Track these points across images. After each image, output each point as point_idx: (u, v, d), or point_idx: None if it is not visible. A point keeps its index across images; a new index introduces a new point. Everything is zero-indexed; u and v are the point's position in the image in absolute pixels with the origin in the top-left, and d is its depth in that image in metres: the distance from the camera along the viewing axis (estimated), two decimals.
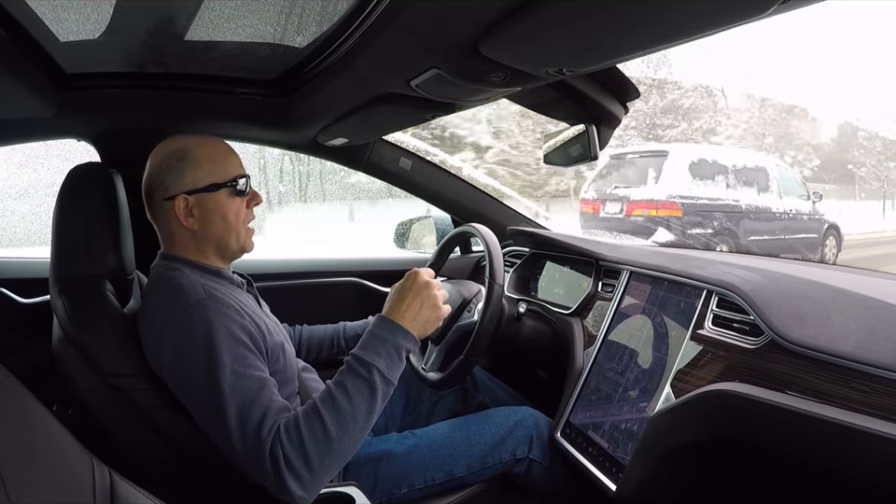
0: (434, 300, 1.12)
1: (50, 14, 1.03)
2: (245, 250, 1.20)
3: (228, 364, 0.98)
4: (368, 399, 1.00)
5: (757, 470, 1.05)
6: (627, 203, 6.79)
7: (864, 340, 0.86)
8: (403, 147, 1.96)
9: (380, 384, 1.01)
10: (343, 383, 1.00)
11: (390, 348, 1.04)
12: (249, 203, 1.19)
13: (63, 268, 1.13)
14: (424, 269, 1.17)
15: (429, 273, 1.16)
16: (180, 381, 1.03)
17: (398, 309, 1.10)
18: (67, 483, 0.60)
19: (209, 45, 1.24)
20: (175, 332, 1.03)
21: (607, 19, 0.70)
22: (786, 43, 17.10)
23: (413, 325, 1.08)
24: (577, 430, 1.29)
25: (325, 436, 0.95)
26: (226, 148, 1.18)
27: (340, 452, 0.97)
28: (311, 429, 0.95)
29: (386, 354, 1.03)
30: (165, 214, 1.14)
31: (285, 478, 0.93)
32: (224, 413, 0.96)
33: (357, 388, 0.99)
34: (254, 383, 0.99)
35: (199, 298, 1.05)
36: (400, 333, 1.06)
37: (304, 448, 0.94)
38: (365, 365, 1.01)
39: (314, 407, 0.98)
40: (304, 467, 0.94)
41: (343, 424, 0.97)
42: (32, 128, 1.52)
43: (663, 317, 1.23)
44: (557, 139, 1.43)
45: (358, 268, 2.09)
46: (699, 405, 1.01)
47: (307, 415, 0.97)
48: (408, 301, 1.11)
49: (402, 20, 0.81)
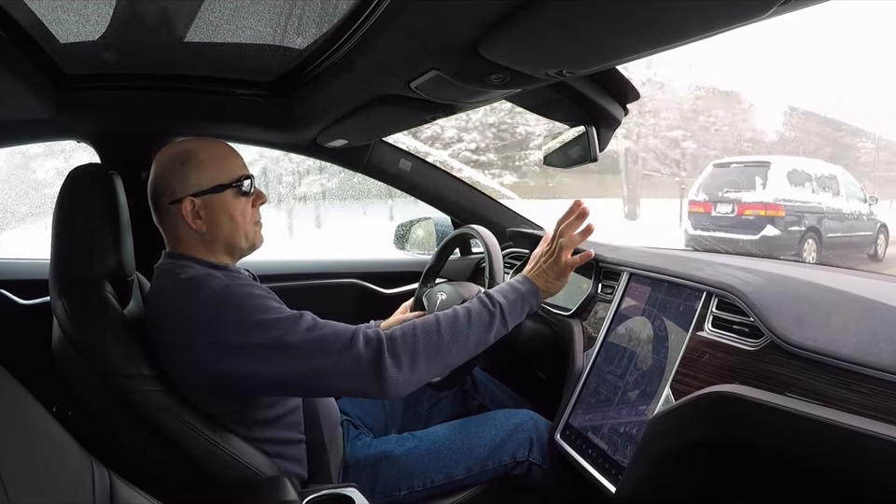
0: (557, 262, 1.24)
1: (50, 15, 1.03)
2: (255, 246, 1.21)
3: (278, 317, 1.03)
4: (484, 327, 1.12)
5: (756, 473, 1.05)
6: (738, 205, 8.15)
7: (865, 342, 0.86)
8: (403, 149, 1.96)
9: (498, 320, 1.13)
10: (468, 307, 1.13)
11: (517, 296, 1.18)
12: (255, 202, 1.19)
13: (63, 269, 1.13)
14: (565, 215, 1.28)
15: (566, 236, 1.25)
16: (232, 355, 1.01)
17: (533, 268, 1.26)
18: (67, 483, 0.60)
19: (209, 46, 1.24)
20: (209, 315, 1.02)
21: (607, 20, 0.69)
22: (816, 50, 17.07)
23: (542, 282, 1.23)
24: (576, 432, 1.29)
25: (437, 342, 1.06)
26: (229, 150, 1.18)
27: (443, 361, 1.08)
28: (427, 333, 1.06)
29: (513, 299, 1.17)
30: (172, 217, 1.14)
31: (386, 369, 1.01)
32: (307, 346, 1.01)
33: (479, 314, 1.12)
34: (314, 319, 1.05)
35: (221, 281, 1.06)
36: (530, 289, 1.21)
37: (415, 345, 1.04)
38: (492, 300, 1.15)
39: (434, 318, 1.09)
40: (411, 362, 1.04)
41: (457, 338, 1.08)
42: (31, 129, 1.52)
43: (662, 319, 1.23)
44: (557, 140, 1.43)
45: (358, 269, 2.09)
46: (699, 407, 1.01)
47: (426, 322, 1.08)
48: (542, 259, 1.26)
49: (402, 21, 0.81)
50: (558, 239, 1.25)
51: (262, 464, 1.10)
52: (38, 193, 5.00)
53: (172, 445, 1.06)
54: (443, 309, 1.47)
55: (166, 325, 1.07)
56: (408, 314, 1.61)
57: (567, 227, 1.26)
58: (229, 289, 1.05)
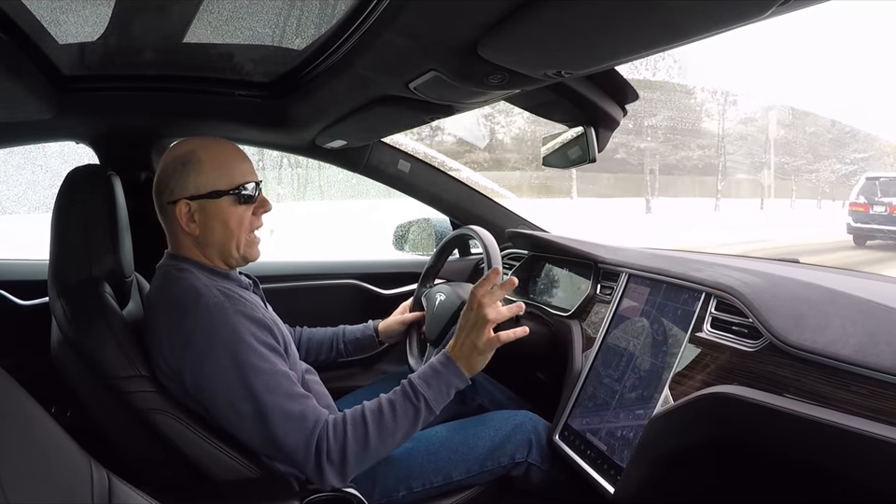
0: (479, 336, 1.16)
1: (49, 16, 1.03)
2: (247, 259, 1.19)
3: (258, 364, 1.04)
4: (410, 421, 1.11)
5: (756, 473, 1.05)
6: (890, 207, 11.18)
7: (864, 343, 0.86)
8: (402, 150, 1.96)
9: (424, 411, 1.12)
10: (393, 402, 1.11)
11: (442, 384, 1.14)
12: (257, 210, 1.18)
13: (62, 270, 1.13)
14: (482, 283, 1.18)
15: (484, 289, 1.17)
16: (206, 383, 1.03)
17: (455, 343, 1.18)
18: (65, 485, 0.60)
19: (207, 47, 1.25)
20: (197, 335, 1.03)
21: (605, 21, 0.69)
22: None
23: (465, 362, 1.16)
24: (575, 433, 1.29)
25: (365, 442, 1.06)
26: (234, 153, 1.16)
27: (373, 458, 1.08)
28: (355, 433, 1.06)
29: (437, 387, 1.13)
30: (170, 217, 1.14)
31: (324, 468, 1.04)
32: (264, 410, 1.02)
33: (404, 410, 1.10)
34: (286, 380, 1.06)
35: (217, 300, 1.06)
36: (454, 371, 1.15)
37: (345, 447, 1.05)
38: (416, 392, 1.12)
39: (361, 414, 1.08)
40: (341, 462, 1.05)
41: (384, 436, 1.08)
42: (30, 130, 1.52)
43: (661, 320, 1.23)
44: (556, 141, 1.43)
45: (357, 270, 2.09)
46: (698, 408, 1.01)
47: (354, 420, 1.07)
48: (463, 334, 1.17)
49: (400, 22, 0.81)
50: (477, 309, 1.16)
51: (261, 465, 1.10)
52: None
53: (170, 446, 1.06)
54: (443, 310, 1.47)
55: (160, 330, 1.08)
56: (406, 315, 1.61)
57: (487, 295, 1.16)
58: (223, 312, 1.05)
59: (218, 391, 1.03)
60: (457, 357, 1.16)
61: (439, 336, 1.46)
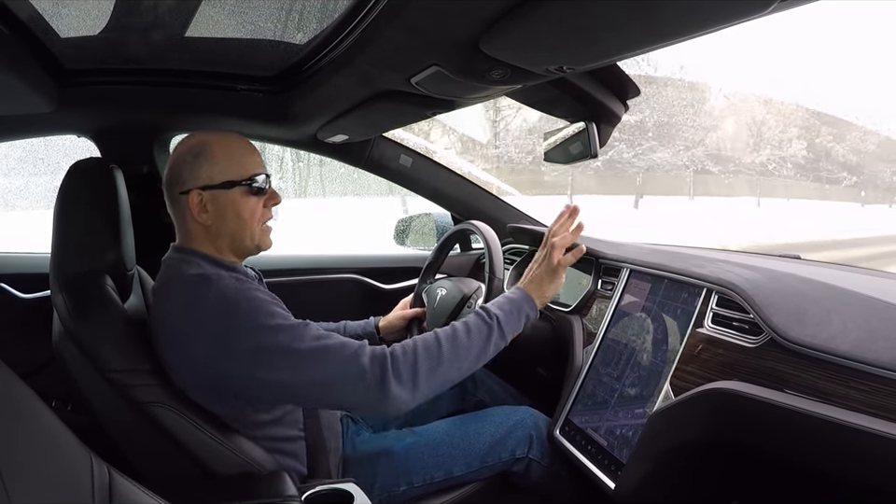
0: (549, 263, 1.26)
1: (51, 10, 1.03)
2: (260, 248, 1.19)
3: (281, 323, 1.03)
4: (483, 341, 1.13)
5: (756, 469, 1.06)
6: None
7: (864, 339, 0.86)
8: (404, 145, 1.96)
9: (496, 332, 1.14)
10: (466, 322, 1.15)
11: (513, 307, 1.19)
12: (267, 202, 1.17)
13: (64, 263, 1.13)
14: (558, 219, 1.32)
15: (559, 235, 1.29)
16: (235, 359, 1.02)
17: (527, 276, 1.28)
18: (66, 479, 0.61)
19: (209, 41, 1.24)
20: (215, 316, 1.03)
21: (607, 17, 0.69)
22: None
23: (537, 290, 1.25)
24: (576, 429, 1.29)
25: (438, 357, 1.07)
26: (246, 146, 1.16)
27: (444, 376, 1.09)
28: (427, 350, 1.07)
29: (509, 310, 1.18)
30: (181, 208, 1.14)
31: (389, 386, 1.02)
32: (301, 357, 1.01)
33: (477, 328, 1.13)
34: (312, 328, 1.05)
35: (229, 282, 1.06)
36: (525, 298, 1.22)
37: (416, 364, 1.05)
38: (489, 313, 1.16)
39: (434, 334, 1.11)
40: (412, 378, 1.04)
41: (457, 352, 1.09)
42: (32, 124, 1.53)
43: (662, 316, 1.23)
44: (557, 136, 1.42)
45: (358, 265, 2.09)
46: (698, 403, 1.01)
47: (425, 340, 1.09)
48: (535, 265, 1.28)
49: (403, 17, 0.80)
50: (550, 239, 1.28)
51: (262, 459, 1.10)
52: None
53: (171, 440, 1.06)
54: (443, 305, 1.47)
55: (171, 321, 1.08)
56: (407, 311, 1.61)
57: (559, 227, 1.30)
58: (238, 292, 1.05)
59: (250, 361, 1.01)
60: (529, 289, 1.24)
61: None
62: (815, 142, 29.12)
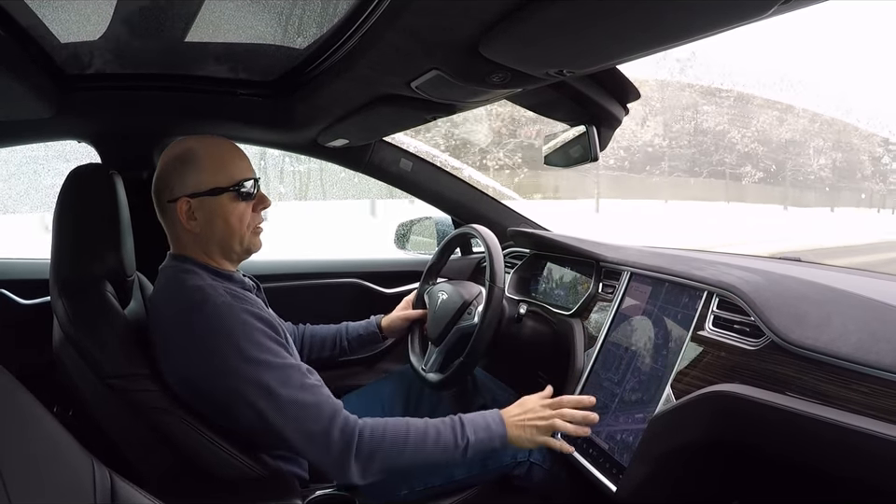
0: (540, 431, 1.19)
1: (51, 15, 1.03)
2: (250, 251, 1.19)
3: (270, 360, 1.04)
4: (445, 455, 1.10)
5: (757, 471, 1.05)
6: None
7: (864, 341, 0.86)
8: (404, 149, 1.96)
9: (460, 452, 1.11)
10: (439, 429, 1.11)
11: (487, 437, 1.14)
12: (256, 206, 1.17)
13: (64, 269, 1.13)
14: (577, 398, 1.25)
15: (550, 401, 1.23)
16: (219, 382, 1.03)
17: (513, 412, 1.20)
18: (68, 484, 0.61)
19: (209, 46, 1.25)
20: (206, 335, 1.03)
21: (607, 20, 0.69)
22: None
23: (514, 433, 1.17)
24: None
25: (401, 451, 1.07)
26: (232, 151, 1.16)
27: (398, 469, 1.08)
28: (394, 440, 1.07)
29: (483, 438, 1.13)
30: (170, 215, 1.14)
31: (349, 462, 1.03)
32: (279, 403, 1.02)
33: (445, 442, 1.10)
34: (298, 372, 1.06)
35: (225, 300, 1.06)
36: (501, 436, 1.15)
37: (378, 450, 1.05)
38: (463, 434, 1.12)
39: (406, 427, 1.09)
40: (367, 460, 1.04)
41: (418, 453, 1.08)
42: (32, 129, 1.52)
43: (663, 318, 1.23)
44: (557, 140, 1.43)
45: (359, 269, 2.09)
46: (699, 406, 1.01)
47: (396, 427, 1.08)
48: (523, 413, 1.19)
49: (402, 21, 0.81)
50: (556, 410, 1.21)
51: (263, 463, 1.10)
52: None
53: (172, 445, 1.06)
54: (444, 309, 1.47)
55: (165, 331, 1.08)
56: (409, 312, 1.61)
57: (568, 409, 1.22)
58: (231, 313, 1.05)
59: (231, 389, 1.02)
60: (511, 430, 1.17)
61: (440, 335, 1.46)
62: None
